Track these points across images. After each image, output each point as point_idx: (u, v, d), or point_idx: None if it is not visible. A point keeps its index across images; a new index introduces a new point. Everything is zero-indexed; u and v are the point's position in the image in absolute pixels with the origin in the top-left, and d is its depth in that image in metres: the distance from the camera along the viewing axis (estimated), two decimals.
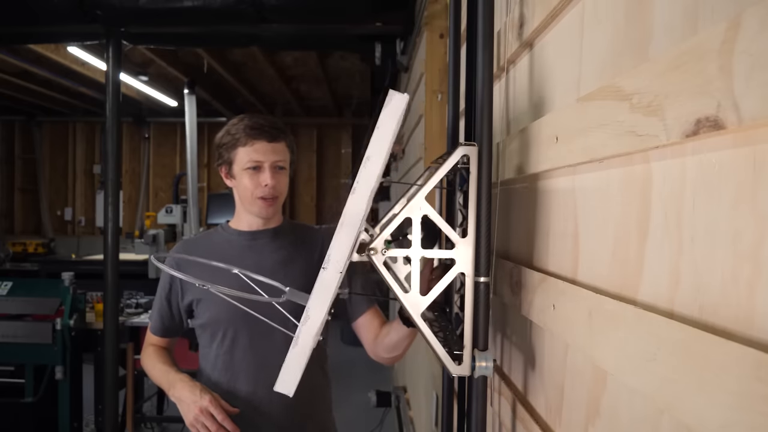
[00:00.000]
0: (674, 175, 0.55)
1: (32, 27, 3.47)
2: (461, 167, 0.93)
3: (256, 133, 1.43)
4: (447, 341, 0.95)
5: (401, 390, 3.74)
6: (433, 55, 2.72)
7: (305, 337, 0.87)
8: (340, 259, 0.87)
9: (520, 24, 1.07)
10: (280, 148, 1.46)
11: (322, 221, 8.33)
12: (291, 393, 0.88)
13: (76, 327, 3.31)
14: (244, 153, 1.44)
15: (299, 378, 0.88)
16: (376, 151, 0.87)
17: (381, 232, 0.94)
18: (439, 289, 0.93)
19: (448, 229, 0.94)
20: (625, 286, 0.64)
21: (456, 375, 0.92)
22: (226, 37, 3.87)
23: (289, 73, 6.45)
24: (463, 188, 0.97)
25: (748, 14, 0.42)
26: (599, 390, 0.70)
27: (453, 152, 0.92)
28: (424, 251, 0.93)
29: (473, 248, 0.92)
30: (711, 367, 0.45)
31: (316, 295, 0.88)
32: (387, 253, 0.93)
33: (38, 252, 7.85)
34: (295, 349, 0.87)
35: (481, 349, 0.91)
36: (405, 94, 0.87)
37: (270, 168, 1.44)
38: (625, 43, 0.67)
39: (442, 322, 1.09)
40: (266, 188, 1.45)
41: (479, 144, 0.92)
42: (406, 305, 0.93)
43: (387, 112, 0.87)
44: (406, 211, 0.92)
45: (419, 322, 0.93)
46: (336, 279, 0.87)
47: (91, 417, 3.65)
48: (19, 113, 8.43)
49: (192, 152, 5.48)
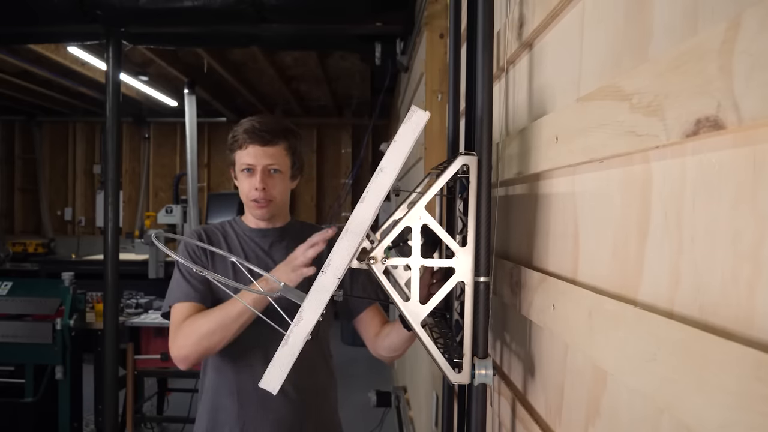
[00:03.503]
0: (674, 175, 0.55)
1: (32, 27, 3.47)
2: (461, 176, 0.93)
3: (250, 137, 1.47)
4: (447, 348, 0.95)
5: (401, 390, 3.74)
6: (433, 55, 2.72)
7: (295, 337, 0.87)
8: (340, 265, 0.88)
9: (520, 24, 1.07)
10: (275, 151, 1.48)
11: (322, 221, 8.34)
12: (275, 391, 0.88)
13: (76, 327, 3.31)
14: (240, 156, 1.49)
15: (285, 377, 0.88)
16: (391, 163, 0.88)
17: (381, 239, 0.94)
18: (438, 298, 0.94)
19: (448, 238, 0.94)
20: (625, 286, 0.64)
21: (455, 383, 0.92)
22: (226, 37, 3.87)
23: (289, 73, 6.45)
24: (463, 195, 0.98)
25: (748, 14, 0.42)
26: (599, 390, 0.70)
27: (453, 161, 0.92)
28: (423, 260, 0.93)
29: (473, 257, 0.92)
30: (711, 367, 0.45)
31: (311, 298, 0.88)
32: (387, 261, 0.94)
33: (38, 252, 7.84)
34: (284, 349, 0.88)
35: (480, 357, 0.91)
36: (427, 112, 0.88)
37: (261, 171, 1.47)
38: (625, 43, 0.67)
39: (442, 328, 1.09)
40: (256, 192, 1.48)
41: (479, 153, 0.92)
42: (406, 314, 0.93)
43: (407, 127, 0.88)
44: (406, 220, 0.92)
45: (419, 331, 0.93)
46: (333, 284, 0.88)
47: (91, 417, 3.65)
48: (19, 113, 8.43)
49: (192, 152, 5.48)
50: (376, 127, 7.45)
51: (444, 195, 1.17)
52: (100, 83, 5.08)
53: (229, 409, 1.47)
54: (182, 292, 1.46)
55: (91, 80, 5.84)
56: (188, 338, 1.37)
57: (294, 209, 8.95)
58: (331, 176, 8.80)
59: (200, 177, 7.76)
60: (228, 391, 1.48)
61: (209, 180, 8.66)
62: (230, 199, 5.64)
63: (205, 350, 1.37)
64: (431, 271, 1.21)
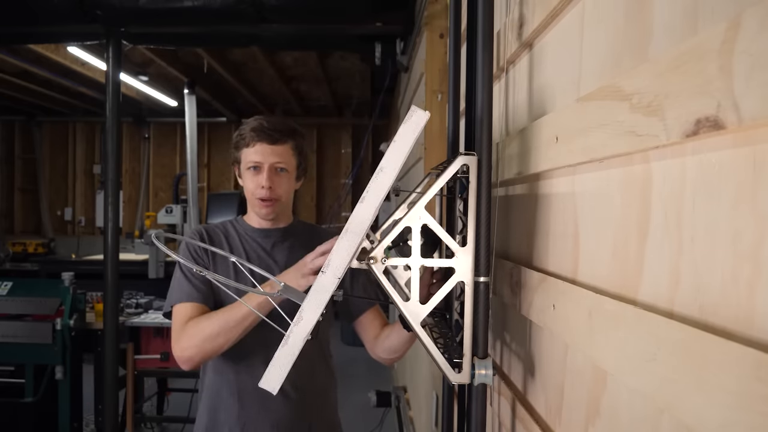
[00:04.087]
0: (674, 175, 0.55)
1: (32, 27, 3.47)
2: (461, 176, 0.93)
3: (257, 135, 1.47)
4: (447, 348, 0.95)
5: (401, 390, 3.74)
6: (433, 55, 2.72)
7: (295, 337, 0.87)
8: (339, 265, 0.88)
9: (519, 24, 1.07)
10: (282, 150, 1.49)
11: (322, 221, 8.34)
12: (275, 391, 0.88)
13: (76, 327, 3.32)
14: (246, 153, 1.49)
15: (284, 377, 0.88)
16: (391, 163, 0.88)
17: (381, 239, 0.94)
18: (438, 298, 0.94)
19: (448, 238, 0.94)
20: (625, 286, 0.64)
21: (455, 383, 0.92)
22: (226, 37, 3.87)
23: (289, 73, 6.45)
24: (463, 195, 0.98)
25: (748, 14, 0.42)
26: (599, 390, 0.70)
27: (453, 161, 0.92)
28: (423, 260, 0.93)
29: (473, 257, 0.92)
30: (711, 367, 0.45)
31: (311, 298, 0.88)
32: (387, 261, 0.94)
33: (38, 252, 7.84)
34: (284, 349, 0.88)
35: (480, 357, 0.91)
36: (426, 112, 0.88)
37: (268, 169, 1.47)
38: (625, 43, 0.67)
39: (442, 328, 1.09)
40: (263, 189, 1.48)
41: (479, 153, 0.92)
42: (406, 314, 0.94)
43: (407, 127, 0.88)
44: (406, 220, 0.93)
45: (419, 331, 0.93)
46: (333, 284, 0.88)
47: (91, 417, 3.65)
48: (19, 113, 8.43)
49: (192, 152, 5.48)
50: (376, 127, 7.46)
51: (444, 195, 1.17)
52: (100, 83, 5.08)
53: (230, 410, 1.47)
54: (184, 293, 1.45)
55: (91, 80, 5.84)
56: (192, 339, 1.37)
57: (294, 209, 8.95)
58: (331, 176, 8.80)
59: (200, 177, 7.76)
60: (228, 392, 1.48)
61: (209, 180, 8.66)
62: (230, 199, 5.64)
63: (209, 352, 1.38)
64: (431, 272, 1.21)
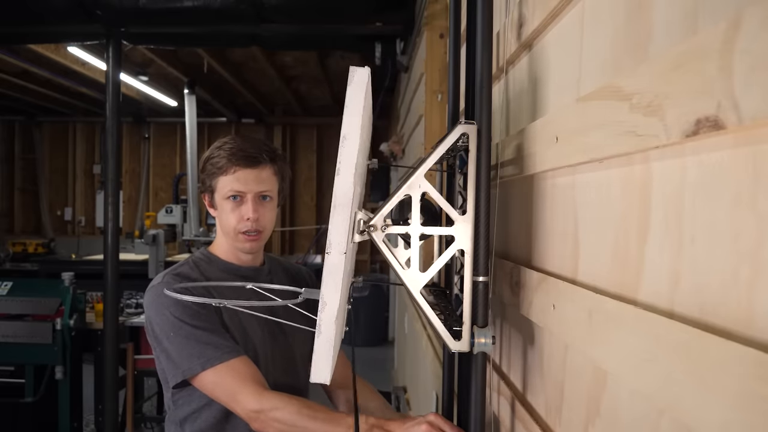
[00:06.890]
0: (674, 175, 0.55)
1: (32, 27, 3.48)
2: (461, 146, 0.93)
3: (237, 160, 1.30)
4: (447, 322, 0.96)
5: (401, 390, 3.74)
6: (433, 55, 2.73)
7: (326, 323, 0.86)
8: (341, 241, 0.86)
9: (519, 24, 1.07)
10: (266, 175, 1.33)
11: (323, 221, 8.33)
12: (327, 381, 0.85)
13: (76, 327, 3.32)
14: (225, 181, 1.32)
15: (332, 365, 0.86)
16: (350, 128, 0.86)
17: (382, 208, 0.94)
18: (438, 265, 0.94)
19: (448, 206, 0.94)
20: (625, 286, 0.64)
21: (455, 351, 0.92)
22: (226, 37, 3.87)
23: (289, 73, 6.45)
24: (463, 170, 0.98)
25: (748, 14, 0.42)
26: (599, 390, 0.70)
27: (452, 130, 0.92)
28: (423, 228, 0.93)
29: (472, 225, 0.92)
30: (711, 367, 0.45)
31: (326, 281, 0.87)
32: (387, 230, 0.93)
33: (38, 252, 7.84)
34: (320, 338, 0.87)
35: (480, 326, 0.91)
36: (366, 68, 0.87)
37: (253, 199, 1.32)
38: (625, 43, 0.66)
39: (442, 304, 1.09)
40: (248, 222, 1.32)
41: (479, 123, 0.92)
42: (406, 281, 0.94)
43: (352, 88, 0.87)
44: (406, 188, 0.92)
45: (418, 298, 0.93)
46: (341, 261, 0.85)
47: (91, 417, 3.66)
48: (19, 113, 8.43)
49: (192, 152, 5.48)
50: (376, 127, 7.44)
51: (444, 171, 1.17)
52: (100, 83, 5.08)
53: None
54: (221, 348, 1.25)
55: (91, 80, 5.84)
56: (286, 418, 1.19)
57: (294, 209, 8.97)
58: (331, 176, 8.68)
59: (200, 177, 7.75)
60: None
61: None
62: None
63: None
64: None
